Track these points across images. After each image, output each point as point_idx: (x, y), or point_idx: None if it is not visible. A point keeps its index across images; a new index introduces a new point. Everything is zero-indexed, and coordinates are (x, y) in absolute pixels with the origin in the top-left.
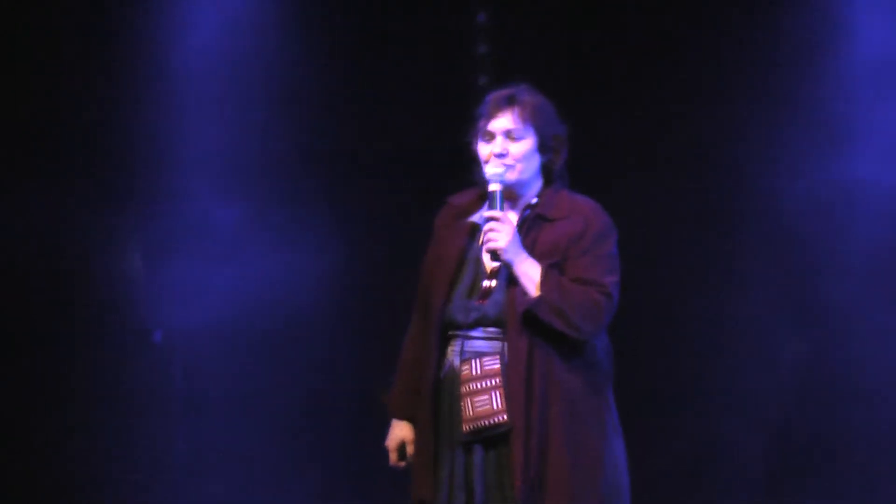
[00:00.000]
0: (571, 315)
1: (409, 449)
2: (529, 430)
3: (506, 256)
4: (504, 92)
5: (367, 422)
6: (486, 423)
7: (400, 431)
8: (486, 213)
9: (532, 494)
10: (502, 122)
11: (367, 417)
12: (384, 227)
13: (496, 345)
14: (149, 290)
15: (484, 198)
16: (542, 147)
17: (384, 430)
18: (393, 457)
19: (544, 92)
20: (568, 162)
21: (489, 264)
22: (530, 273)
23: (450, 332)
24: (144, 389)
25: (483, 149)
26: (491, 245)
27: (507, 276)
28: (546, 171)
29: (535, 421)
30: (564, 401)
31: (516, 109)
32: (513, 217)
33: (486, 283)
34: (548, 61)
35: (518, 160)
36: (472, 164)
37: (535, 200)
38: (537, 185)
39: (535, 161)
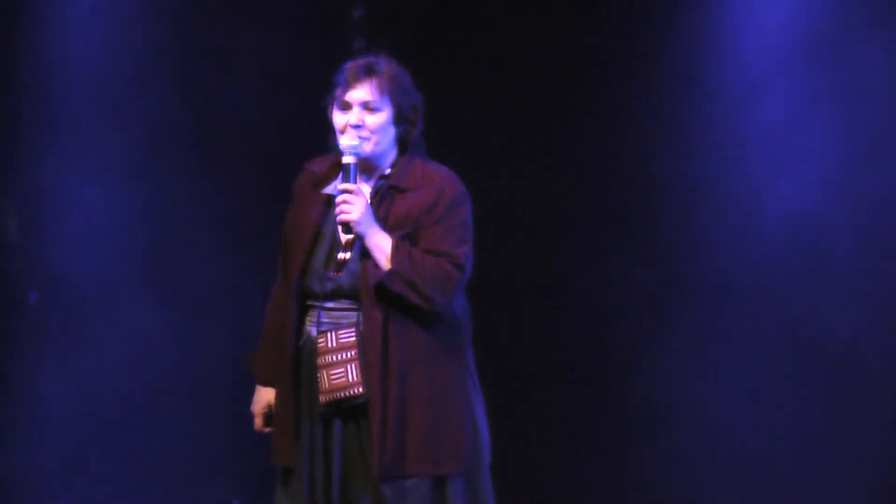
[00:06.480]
0: (422, 286)
1: None
2: (386, 402)
3: (358, 229)
4: (362, 61)
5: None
6: (342, 395)
7: (265, 396)
8: (339, 185)
9: (391, 464)
10: (360, 93)
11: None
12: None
13: (352, 316)
14: (24, 252)
15: (340, 166)
16: (399, 118)
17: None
18: (258, 422)
19: (420, 57)
20: (424, 131)
21: (343, 236)
22: (382, 245)
23: (308, 302)
24: (18, 352)
25: (339, 118)
26: (343, 217)
27: (361, 248)
28: (401, 142)
29: (393, 391)
30: (424, 369)
31: (374, 80)
32: (366, 188)
33: (341, 255)
34: (424, 25)
35: (374, 132)
36: (329, 131)
37: (389, 171)
38: (392, 155)
39: (391, 132)
